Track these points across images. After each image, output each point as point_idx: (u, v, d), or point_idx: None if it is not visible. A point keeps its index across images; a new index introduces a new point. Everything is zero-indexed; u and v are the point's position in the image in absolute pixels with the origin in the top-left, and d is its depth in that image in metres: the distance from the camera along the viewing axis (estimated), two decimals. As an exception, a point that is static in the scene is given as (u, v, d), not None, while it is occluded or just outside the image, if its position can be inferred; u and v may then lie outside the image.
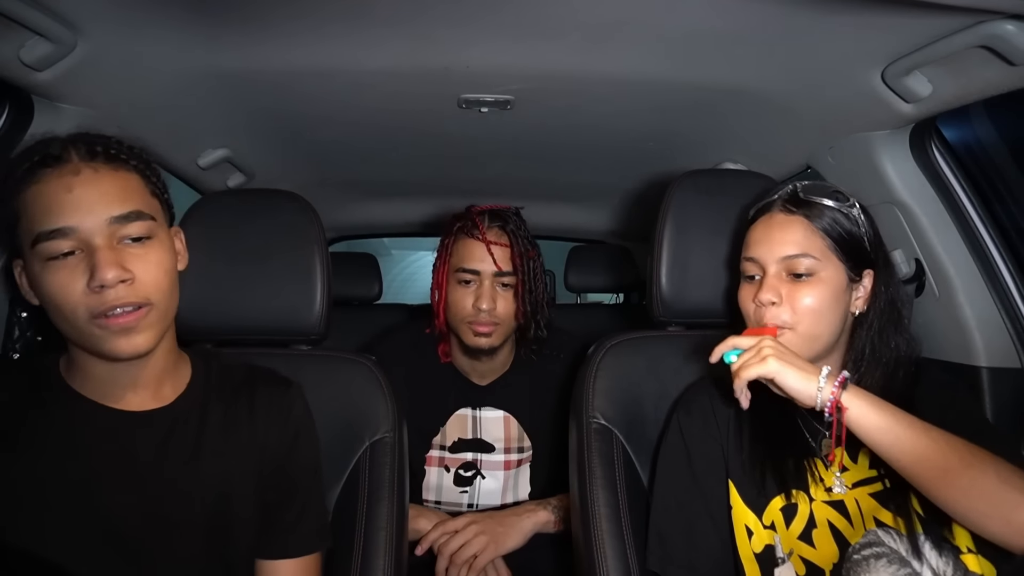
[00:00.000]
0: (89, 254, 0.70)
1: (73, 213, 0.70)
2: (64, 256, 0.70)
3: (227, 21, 1.01)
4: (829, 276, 0.87)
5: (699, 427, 0.93)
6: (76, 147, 0.73)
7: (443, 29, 1.04)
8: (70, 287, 0.70)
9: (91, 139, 0.75)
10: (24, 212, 0.71)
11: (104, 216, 0.72)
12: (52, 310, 0.73)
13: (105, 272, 0.69)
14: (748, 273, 0.92)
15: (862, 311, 0.91)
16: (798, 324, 0.86)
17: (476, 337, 1.28)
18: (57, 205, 0.70)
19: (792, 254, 0.87)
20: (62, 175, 0.71)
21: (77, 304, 0.70)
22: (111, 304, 0.71)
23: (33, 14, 0.85)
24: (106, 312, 0.71)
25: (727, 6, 0.93)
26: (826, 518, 0.84)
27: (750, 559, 0.84)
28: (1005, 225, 1.21)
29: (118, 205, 0.73)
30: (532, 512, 1.30)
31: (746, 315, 0.92)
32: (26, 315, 1.08)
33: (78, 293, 0.70)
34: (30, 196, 0.71)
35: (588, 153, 1.69)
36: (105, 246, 0.71)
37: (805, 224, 0.88)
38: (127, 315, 0.72)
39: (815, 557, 0.82)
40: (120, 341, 0.72)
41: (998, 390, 1.16)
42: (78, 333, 0.73)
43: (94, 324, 0.71)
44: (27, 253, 0.72)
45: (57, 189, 0.71)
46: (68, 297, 0.70)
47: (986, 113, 1.26)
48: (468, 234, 1.29)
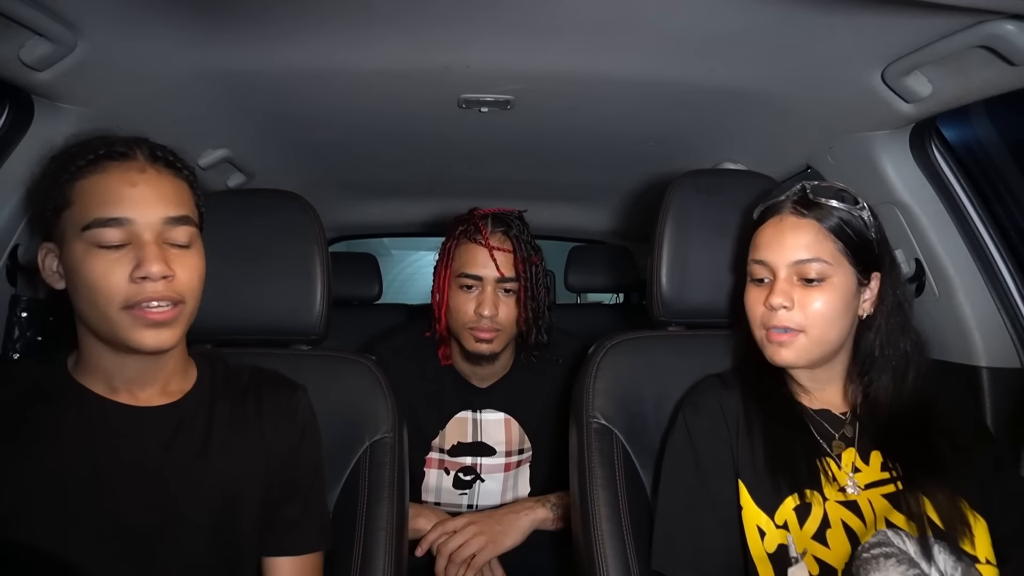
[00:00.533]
0: (137, 248, 0.74)
1: (132, 206, 0.74)
2: (113, 247, 0.74)
3: (227, 21, 1.01)
4: (840, 280, 0.87)
5: (707, 427, 0.92)
6: (140, 147, 0.78)
7: (443, 29, 1.04)
8: (113, 275, 0.73)
9: (152, 144, 0.80)
10: (80, 198, 0.74)
11: (160, 215, 0.76)
12: (84, 294, 0.74)
13: (151, 265, 0.73)
14: (757, 276, 0.91)
15: (869, 313, 0.91)
16: (810, 328, 0.86)
17: (477, 343, 1.27)
18: (119, 196, 0.74)
19: (804, 259, 0.86)
20: (127, 170, 0.76)
21: (115, 291, 0.73)
22: (149, 296, 0.74)
23: (33, 14, 0.85)
24: (142, 303, 0.74)
25: (727, 6, 0.93)
26: (840, 518, 0.84)
27: (763, 559, 0.84)
28: (1005, 225, 1.21)
29: (173, 207, 0.77)
30: (530, 510, 1.30)
31: (752, 317, 0.92)
32: (26, 315, 1.09)
33: (119, 281, 0.73)
34: (90, 184, 0.74)
35: (588, 153, 1.69)
36: (153, 242, 0.75)
37: (816, 227, 0.87)
38: (162, 311, 0.75)
39: (829, 557, 0.82)
40: (148, 333, 0.75)
41: (998, 390, 1.16)
42: (106, 321, 0.74)
43: (126, 313, 0.74)
44: (71, 237, 0.74)
45: (121, 182, 0.75)
46: (108, 283, 0.73)
47: (986, 113, 1.26)
48: (471, 239, 1.28)
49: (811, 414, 0.93)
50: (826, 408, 0.93)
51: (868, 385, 0.92)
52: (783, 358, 0.88)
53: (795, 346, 0.87)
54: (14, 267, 1.10)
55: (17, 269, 1.10)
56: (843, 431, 0.91)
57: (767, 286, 0.89)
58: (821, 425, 0.92)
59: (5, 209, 1.07)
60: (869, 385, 0.92)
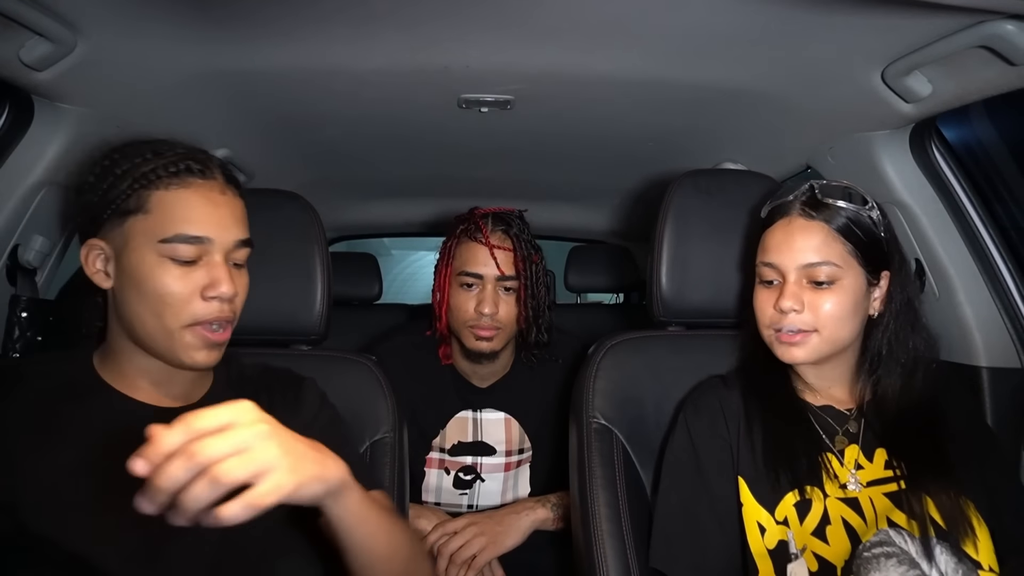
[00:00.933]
0: (209, 267, 0.76)
1: (214, 227, 0.76)
2: (186, 263, 0.75)
3: (227, 21, 1.01)
4: (850, 282, 0.87)
5: (707, 426, 0.93)
6: (215, 165, 0.79)
7: (443, 29, 1.04)
8: (183, 291, 0.74)
9: (221, 162, 0.81)
10: (160, 209, 0.74)
11: (234, 237, 0.78)
12: (149, 304, 0.75)
13: (224, 286, 0.75)
14: (766, 278, 0.91)
15: (879, 312, 0.91)
16: (822, 329, 0.87)
17: (478, 341, 1.28)
18: (203, 215, 0.75)
19: (813, 262, 0.86)
20: (211, 189, 0.77)
21: (182, 307, 0.75)
22: (215, 316, 0.76)
23: (33, 14, 0.85)
24: (206, 322, 0.76)
25: (727, 6, 0.93)
26: (840, 515, 0.84)
27: (763, 555, 0.84)
28: (1005, 225, 1.21)
29: (243, 230, 0.80)
30: (531, 510, 1.30)
31: (761, 318, 0.91)
32: (26, 315, 1.09)
33: (187, 296, 0.75)
34: (173, 197, 0.75)
35: (588, 153, 1.69)
36: (224, 262, 0.77)
37: (826, 230, 0.87)
38: (221, 333, 0.78)
39: (828, 553, 0.82)
40: (202, 353, 0.77)
41: (998, 390, 1.16)
42: (163, 334, 0.76)
43: (188, 331, 0.76)
44: (141, 244, 0.74)
45: (206, 201, 0.76)
46: (176, 298, 0.74)
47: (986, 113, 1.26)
48: (471, 237, 1.28)
49: (814, 410, 0.93)
50: (830, 404, 0.93)
51: (876, 383, 0.92)
52: (794, 356, 0.88)
53: (807, 345, 0.87)
54: (14, 267, 1.10)
55: (17, 269, 1.10)
56: (847, 427, 0.91)
57: (776, 288, 0.89)
58: (825, 421, 0.92)
59: (5, 209, 1.07)
60: (877, 383, 0.92)
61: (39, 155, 1.08)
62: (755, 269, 0.94)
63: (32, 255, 1.12)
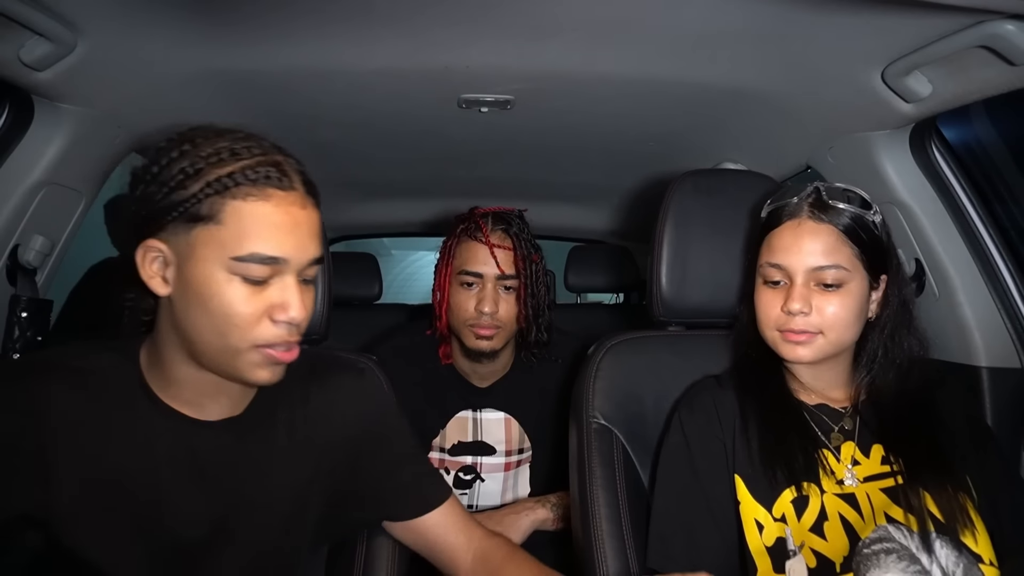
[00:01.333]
0: (282, 288, 0.69)
1: (292, 247, 0.68)
2: (259, 282, 0.68)
3: (227, 21, 1.02)
4: (856, 286, 0.87)
5: (702, 425, 0.93)
6: (296, 173, 0.71)
7: (443, 29, 1.04)
8: (252, 312, 0.68)
9: (298, 165, 0.72)
10: (234, 222, 0.66)
11: (310, 257, 0.71)
12: (214, 321, 0.68)
13: (296, 311, 0.69)
14: (772, 279, 0.91)
15: (875, 315, 0.92)
16: (828, 331, 0.87)
17: (478, 340, 1.28)
18: (282, 234, 0.68)
19: (822, 265, 0.86)
20: (291, 204, 0.69)
21: (249, 328, 0.69)
22: (285, 339, 0.70)
23: (33, 14, 0.85)
24: (275, 344, 0.70)
25: (727, 6, 0.93)
26: (837, 510, 0.84)
27: (761, 552, 0.84)
28: (1005, 225, 1.21)
29: (317, 247, 0.72)
30: (531, 510, 1.30)
31: (766, 319, 0.91)
32: (26, 315, 1.09)
33: (255, 316, 0.68)
34: (250, 210, 0.67)
35: (588, 153, 1.69)
36: (297, 284, 0.70)
37: (835, 233, 0.87)
38: (289, 353, 0.72)
39: (826, 549, 0.82)
40: (266, 371, 0.72)
41: (998, 390, 1.17)
42: (227, 352, 0.70)
43: (254, 351, 0.70)
44: (208, 256, 0.67)
45: (286, 219, 0.68)
46: (244, 319, 0.68)
47: (986, 113, 1.26)
48: (471, 236, 1.29)
49: (809, 408, 0.93)
50: (824, 403, 0.94)
51: (871, 383, 0.92)
52: (799, 356, 0.88)
53: (813, 346, 0.88)
54: (14, 267, 1.10)
55: (17, 269, 1.10)
56: (842, 424, 0.92)
57: (782, 289, 0.89)
58: (819, 418, 0.92)
59: (5, 209, 1.07)
60: (872, 383, 0.92)
61: (39, 155, 1.08)
62: (755, 269, 0.94)
63: (32, 255, 1.12)
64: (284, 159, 0.71)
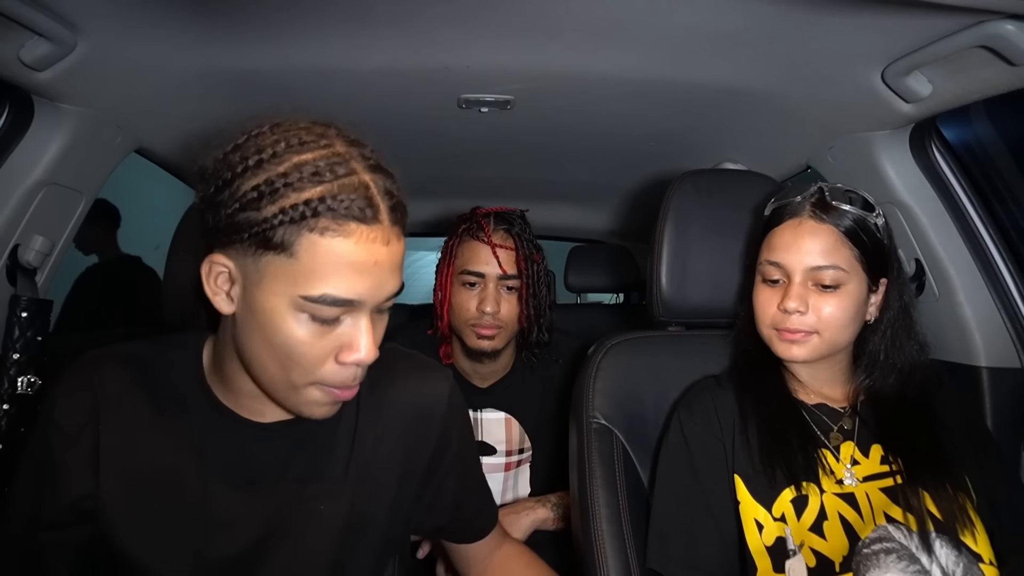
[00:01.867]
0: (353, 328, 0.64)
1: (368, 288, 0.63)
2: (328, 322, 0.63)
3: (227, 21, 1.01)
4: (853, 288, 0.87)
5: (701, 425, 0.93)
6: (384, 200, 0.64)
7: (443, 29, 1.04)
8: (316, 348, 0.63)
9: (388, 185, 0.65)
10: (307, 258, 0.60)
11: (386, 294, 0.65)
12: (277, 356, 0.64)
13: (363, 353, 0.64)
14: (770, 277, 0.91)
15: (875, 317, 0.92)
16: (823, 331, 0.87)
17: (479, 340, 1.28)
18: (360, 276, 0.61)
19: (821, 265, 0.86)
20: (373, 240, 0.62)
21: (312, 367, 0.64)
22: (348, 381, 0.66)
23: (33, 14, 0.85)
24: (338, 385, 0.66)
25: (727, 6, 0.93)
26: (837, 510, 0.84)
27: (761, 552, 0.84)
28: (1005, 225, 1.21)
29: (396, 281, 0.66)
30: (531, 510, 1.30)
31: (762, 316, 0.92)
32: (26, 315, 1.09)
33: (321, 356, 0.64)
34: (326, 247, 0.60)
35: (588, 153, 1.69)
36: (369, 323, 0.65)
37: (835, 234, 0.87)
38: (352, 390, 0.68)
39: (826, 549, 0.82)
40: (322, 409, 0.68)
41: (998, 390, 1.16)
42: (283, 384, 0.66)
43: (315, 388, 0.66)
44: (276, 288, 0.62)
45: (364, 256, 0.61)
46: (308, 358, 0.63)
47: (986, 113, 1.26)
48: (473, 236, 1.29)
49: (808, 408, 0.93)
50: (824, 402, 0.94)
51: (871, 386, 0.93)
52: (794, 354, 0.89)
53: (808, 345, 0.88)
54: (14, 267, 1.10)
55: (17, 269, 1.10)
56: (841, 423, 0.92)
57: (780, 288, 0.90)
58: (819, 418, 0.92)
59: (5, 209, 1.07)
60: (872, 386, 0.93)
61: (39, 155, 1.08)
62: (755, 267, 0.94)
63: (32, 255, 1.12)
64: (374, 179, 0.63)
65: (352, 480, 0.76)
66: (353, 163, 0.63)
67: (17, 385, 1.06)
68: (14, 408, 1.06)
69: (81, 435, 0.70)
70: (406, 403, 0.80)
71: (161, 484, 0.71)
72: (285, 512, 0.73)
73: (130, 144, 1.26)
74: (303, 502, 0.74)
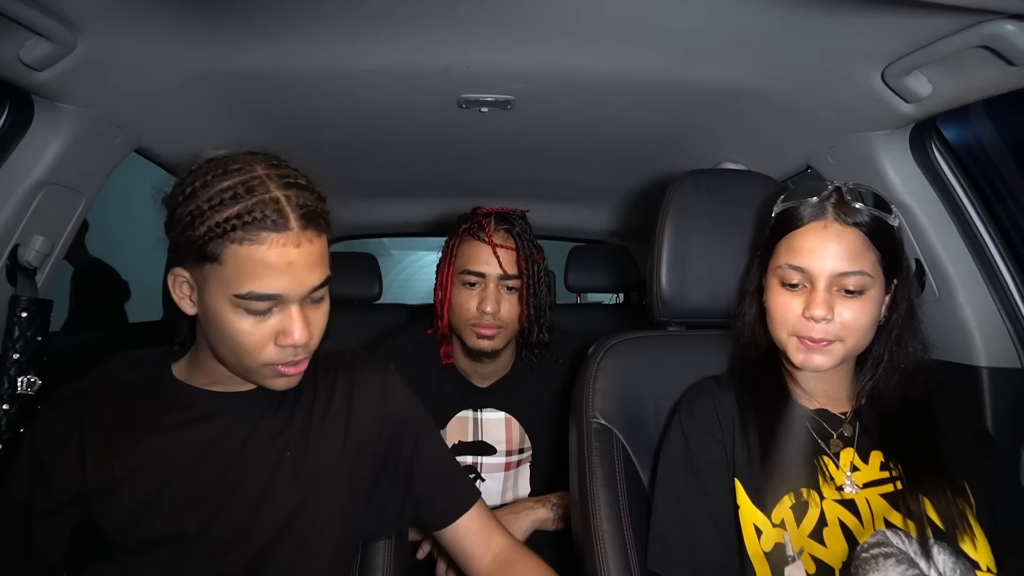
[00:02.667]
0: (284, 315, 0.76)
1: (287, 283, 0.74)
2: (262, 313, 0.75)
3: (227, 21, 1.02)
4: (875, 292, 0.85)
5: (701, 427, 0.92)
6: (292, 210, 0.74)
7: (443, 29, 1.04)
8: (256, 336, 0.76)
9: (300, 197, 0.75)
10: (233, 264, 0.73)
11: (308, 287, 0.76)
12: (226, 344, 0.78)
13: (298, 336, 0.76)
14: (790, 281, 0.87)
15: (885, 318, 0.90)
16: (847, 338, 0.85)
17: (479, 340, 1.28)
18: (275, 274, 0.73)
19: (848, 271, 0.83)
20: (284, 244, 0.73)
21: (258, 351, 0.77)
22: (290, 360, 0.79)
23: (33, 14, 0.85)
24: (282, 363, 0.79)
25: (727, 6, 0.93)
26: (837, 516, 0.84)
27: (760, 558, 0.84)
28: (1005, 225, 1.21)
29: (318, 276, 0.77)
30: (531, 510, 1.30)
31: (781, 321, 0.88)
32: (26, 315, 1.09)
33: (263, 343, 0.76)
34: (246, 254, 0.72)
35: (588, 153, 1.69)
36: (298, 310, 0.77)
37: (861, 238, 0.84)
38: (297, 366, 0.80)
39: (825, 556, 0.82)
40: (280, 381, 0.81)
41: (998, 390, 1.16)
42: (240, 366, 0.80)
43: (266, 367, 0.79)
44: (217, 291, 0.74)
45: (277, 258, 0.73)
46: (252, 344, 0.76)
47: (986, 113, 1.26)
48: (474, 236, 1.29)
49: (809, 413, 0.92)
50: (824, 408, 0.93)
51: (874, 387, 0.92)
52: (817, 364, 0.86)
53: (831, 353, 0.85)
54: (14, 267, 1.10)
55: (17, 269, 1.10)
56: (841, 430, 0.91)
57: (800, 293, 0.86)
58: (819, 424, 0.91)
59: (5, 209, 1.07)
60: (875, 387, 0.91)
61: (39, 155, 1.08)
62: (764, 269, 0.92)
63: (32, 255, 1.12)
64: (285, 195, 0.74)
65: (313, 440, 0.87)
66: (269, 183, 0.74)
67: (17, 385, 1.06)
68: (14, 408, 1.06)
69: (66, 446, 0.81)
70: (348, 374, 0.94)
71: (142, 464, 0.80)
72: (258, 470, 0.83)
73: (130, 144, 1.26)
74: (268, 461, 0.84)
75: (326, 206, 0.80)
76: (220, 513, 0.80)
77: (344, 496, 0.87)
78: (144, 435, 0.82)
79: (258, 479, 0.83)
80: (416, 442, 0.95)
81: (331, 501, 0.86)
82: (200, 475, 0.81)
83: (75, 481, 0.80)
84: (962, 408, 0.94)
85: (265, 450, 0.84)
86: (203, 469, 0.81)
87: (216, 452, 0.83)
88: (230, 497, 0.81)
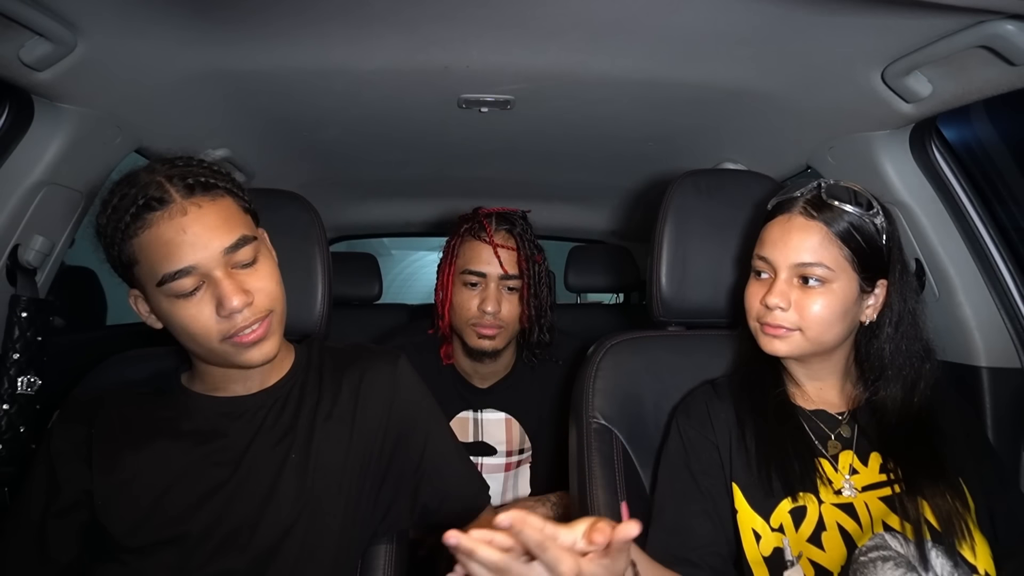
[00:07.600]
0: (212, 285, 0.76)
1: (191, 252, 0.74)
2: (191, 293, 0.76)
3: (227, 21, 1.02)
4: (840, 287, 0.86)
5: (698, 432, 0.93)
6: (174, 184, 0.76)
7: (443, 29, 1.04)
8: (200, 317, 0.77)
9: (183, 171, 0.77)
10: (142, 256, 0.75)
11: (218, 249, 0.76)
12: (185, 337, 0.79)
13: (231, 301, 0.76)
14: (759, 270, 0.91)
15: (872, 320, 0.90)
16: (806, 329, 0.86)
17: (480, 339, 1.28)
18: (176, 247, 0.74)
19: (806, 262, 0.85)
20: (172, 216, 0.74)
21: (209, 330, 0.77)
22: (240, 327, 0.78)
23: (33, 14, 0.85)
24: (236, 333, 0.78)
25: (727, 6, 0.93)
26: (835, 520, 0.83)
27: (759, 562, 0.84)
28: (1005, 225, 1.21)
29: (227, 235, 0.77)
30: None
31: (749, 309, 0.92)
32: (26, 315, 1.09)
33: (208, 321, 0.77)
34: (146, 241, 0.74)
35: (588, 153, 1.69)
36: (224, 276, 0.76)
37: (824, 232, 0.85)
38: (256, 331, 0.80)
39: (824, 560, 0.82)
40: (252, 352, 0.80)
41: (998, 390, 1.17)
42: (211, 353, 0.80)
43: (227, 344, 0.79)
44: (151, 290, 0.77)
45: (171, 232, 0.74)
46: (200, 326, 0.77)
47: (986, 113, 1.26)
48: (475, 236, 1.29)
49: (806, 414, 0.92)
50: (822, 408, 0.93)
51: (875, 392, 0.91)
52: (775, 349, 0.89)
53: (789, 341, 0.87)
54: (14, 267, 1.10)
55: (17, 269, 1.10)
56: (839, 431, 0.91)
57: (767, 282, 0.89)
58: (816, 425, 0.91)
59: (5, 209, 1.07)
60: (876, 392, 0.91)
61: (39, 155, 1.08)
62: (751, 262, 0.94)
63: (32, 255, 1.12)
64: (168, 175, 0.76)
65: (318, 438, 0.88)
66: (155, 175, 0.76)
67: (17, 385, 1.07)
68: (14, 408, 1.06)
69: (78, 450, 0.83)
70: (356, 369, 0.94)
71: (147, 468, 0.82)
72: (263, 471, 0.84)
73: (130, 144, 1.26)
74: (274, 461, 0.85)
75: (225, 176, 0.81)
76: (225, 515, 0.81)
77: (350, 496, 0.87)
78: (150, 439, 0.83)
79: (263, 481, 0.83)
80: (426, 442, 0.95)
81: (336, 501, 0.86)
82: (205, 478, 0.82)
83: (82, 482, 0.81)
84: (961, 410, 0.94)
85: (270, 452, 0.85)
86: (208, 472, 0.82)
87: (221, 456, 0.83)
88: (235, 499, 0.81)
